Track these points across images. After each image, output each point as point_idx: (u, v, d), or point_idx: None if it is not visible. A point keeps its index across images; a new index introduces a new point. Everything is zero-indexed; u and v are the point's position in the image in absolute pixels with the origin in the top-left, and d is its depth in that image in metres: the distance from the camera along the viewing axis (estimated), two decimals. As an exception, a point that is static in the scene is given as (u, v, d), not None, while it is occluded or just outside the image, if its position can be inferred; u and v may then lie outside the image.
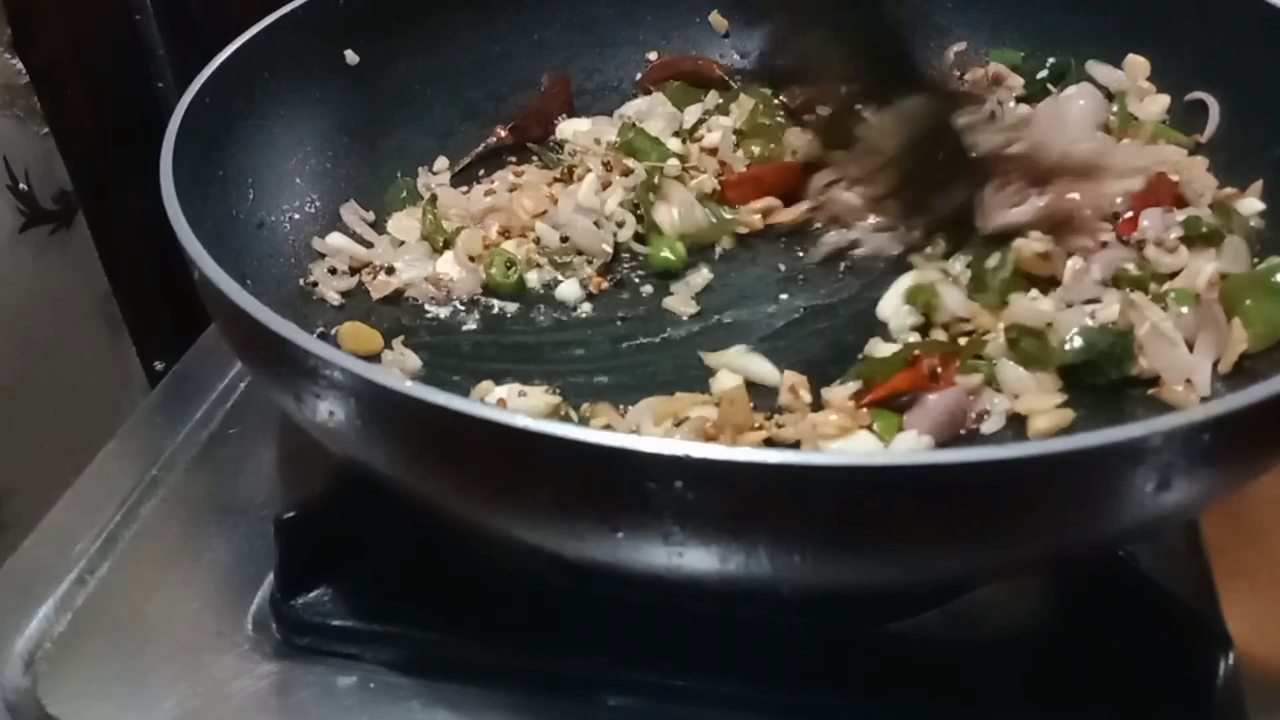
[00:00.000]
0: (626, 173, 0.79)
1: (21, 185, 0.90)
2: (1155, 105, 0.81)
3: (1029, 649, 0.60)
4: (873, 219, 0.76)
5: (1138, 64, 0.82)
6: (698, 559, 0.45)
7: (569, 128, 0.87)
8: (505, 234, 0.78)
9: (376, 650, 0.60)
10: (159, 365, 1.04)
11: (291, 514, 0.61)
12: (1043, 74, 0.85)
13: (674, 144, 0.83)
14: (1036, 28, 0.87)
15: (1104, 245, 0.71)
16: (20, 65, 0.88)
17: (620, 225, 0.78)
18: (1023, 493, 0.43)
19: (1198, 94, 0.79)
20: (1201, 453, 0.45)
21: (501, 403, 0.65)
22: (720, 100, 0.88)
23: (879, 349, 0.67)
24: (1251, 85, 0.76)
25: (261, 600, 0.64)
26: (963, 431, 0.62)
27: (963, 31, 0.89)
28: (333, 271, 0.74)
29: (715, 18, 0.94)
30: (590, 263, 0.76)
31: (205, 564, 0.67)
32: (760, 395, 0.65)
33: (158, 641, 0.62)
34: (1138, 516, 0.46)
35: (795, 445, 0.61)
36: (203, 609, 0.64)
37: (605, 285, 0.75)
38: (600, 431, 0.42)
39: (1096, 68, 0.84)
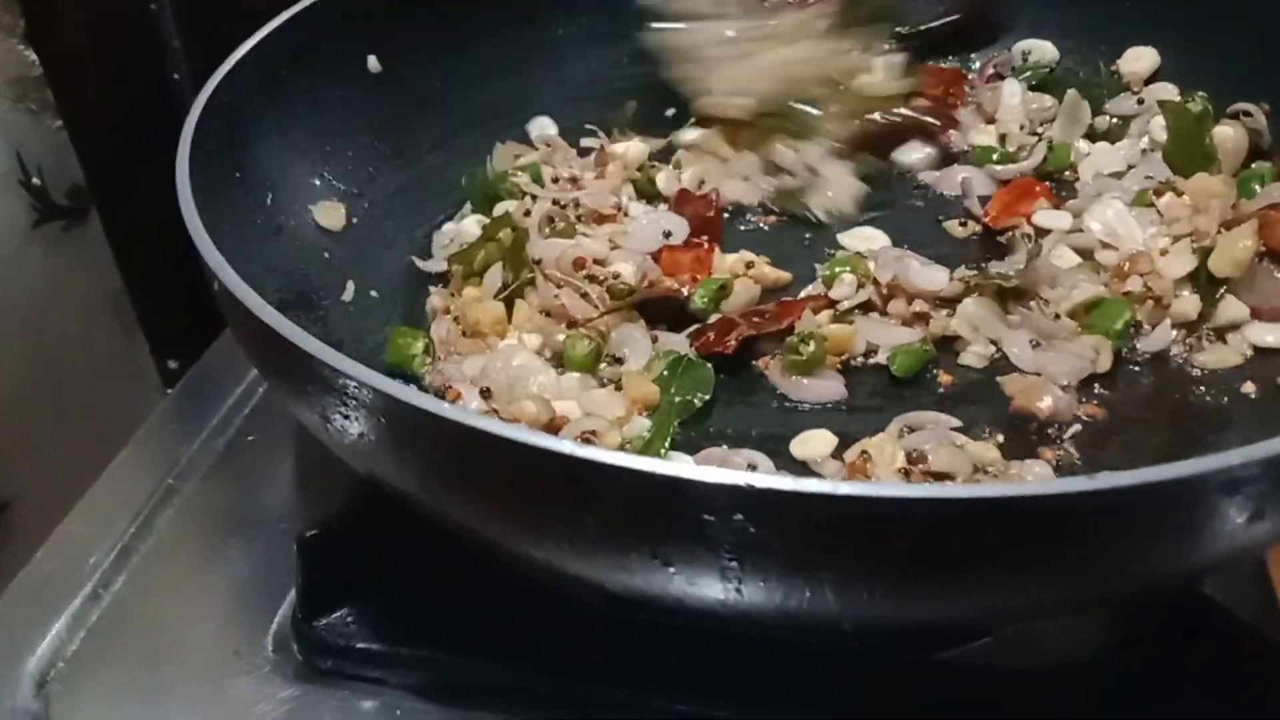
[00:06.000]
0: None
1: (34, 180, 0.88)
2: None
3: (1088, 678, 0.57)
4: None
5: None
6: (756, 595, 0.42)
7: None
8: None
9: (402, 674, 0.58)
10: (173, 364, 1.02)
11: (314, 531, 0.59)
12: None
13: None
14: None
15: None
16: (34, 57, 0.86)
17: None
18: (1108, 525, 0.41)
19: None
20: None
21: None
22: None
23: None
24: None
25: (282, 619, 0.62)
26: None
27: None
28: None
29: None
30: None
31: (224, 579, 0.65)
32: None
33: (174, 661, 0.60)
34: (1227, 548, 0.44)
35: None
36: (221, 627, 0.62)
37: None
38: (652, 459, 0.39)
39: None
